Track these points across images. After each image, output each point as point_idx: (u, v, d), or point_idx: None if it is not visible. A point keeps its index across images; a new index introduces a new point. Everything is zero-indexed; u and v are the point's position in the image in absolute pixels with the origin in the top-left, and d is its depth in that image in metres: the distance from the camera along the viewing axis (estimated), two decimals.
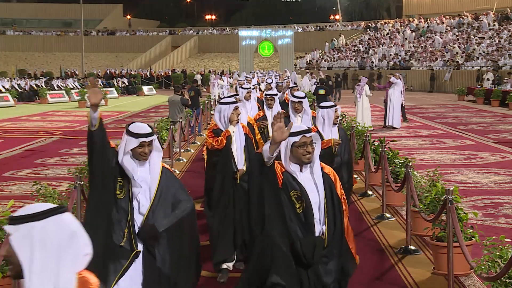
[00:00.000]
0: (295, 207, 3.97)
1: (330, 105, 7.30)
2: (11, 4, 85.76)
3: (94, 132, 4.77)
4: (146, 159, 4.34)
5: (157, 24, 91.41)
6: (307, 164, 4.03)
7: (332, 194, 4.09)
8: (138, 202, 4.31)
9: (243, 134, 6.73)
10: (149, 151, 4.32)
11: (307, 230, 3.99)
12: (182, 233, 4.34)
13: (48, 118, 26.66)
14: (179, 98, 16.04)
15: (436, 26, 51.76)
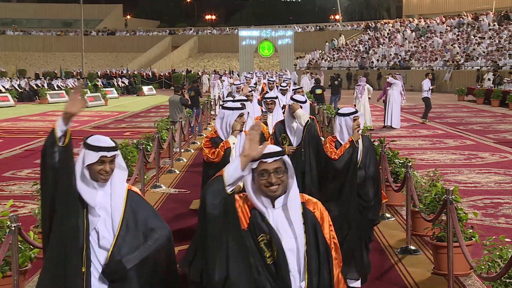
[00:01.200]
0: (264, 256, 3.13)
1: (348, 112, 6.14)
2: (11, 4, 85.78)
3: (62, 149, 3.55)
4: (106, 180, 3.53)
5: (157, 24, 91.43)
6: (275, 198, 3.15)
7: (316, 238, 3.21)
8: (98, 233, 3.53)
9: None
10: (110, 170, 3.53)
11: (279, 286, 3.14)
12: (156, 267, 3.60)
13: (48, 118, 26.66)
14: (179, 98, 16.04)
15: (436, 26, 51.78)
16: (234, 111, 5.92)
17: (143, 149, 10.12)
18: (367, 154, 6.19)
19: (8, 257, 5.36)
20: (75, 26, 77.78)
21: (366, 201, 6.12)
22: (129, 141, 11.58)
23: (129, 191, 3.62)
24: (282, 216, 3.16)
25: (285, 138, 6.76)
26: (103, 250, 3.52)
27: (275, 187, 3.08)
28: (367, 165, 6.17)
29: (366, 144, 6.25)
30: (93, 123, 24.27)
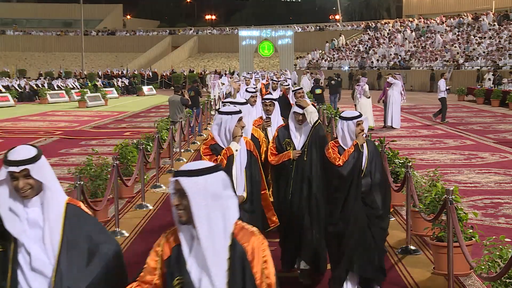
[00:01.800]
0: None
1: (350, 116, 5.75)
2: (11, 4, 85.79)
3: None
4: (27, 196, 3.05)
5: (157, 24, 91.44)
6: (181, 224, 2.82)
7: (244, 280, 2.78)
8: (30, 255, 3.04)
9: (245, 151, 5.44)
10: (28, 186, 3.04)
11: None
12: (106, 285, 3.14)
13: (48, 118, 26.66)
14: (179, 98, 16.04)
15: (436, 26, 51.78)
16: (232, 115, 5.29)
17: (143, 149, 10.12)
18: (372, 160, 5.79)
19: None
20: (75, 26, 77.79)
21: (374, 209, 5.73)
22: (129, 141, 11.58)
23: (68, 205, 3.15)
24: (201, 254, 2.75)
25: (289, 144, 6.38)
26: (37, 274, 3.06)
27: (181, 212, 2.78)
28: (372, 172, 5.77)
29: (371, 149, 5.85)
30: (93, 123, 24.26)
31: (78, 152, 16.08)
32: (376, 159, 5.86)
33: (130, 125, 23.27)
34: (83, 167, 9.11)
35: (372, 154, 5.81)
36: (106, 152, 14.93)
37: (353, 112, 5.84)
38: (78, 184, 6.99)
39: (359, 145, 5.67)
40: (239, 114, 5.32)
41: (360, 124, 5.74)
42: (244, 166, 5.40)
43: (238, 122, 5.36)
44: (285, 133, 6.51)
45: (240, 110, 5.48)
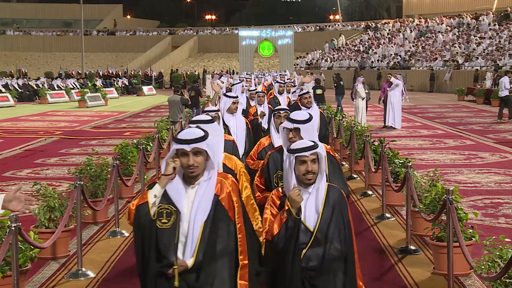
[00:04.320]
0: None
1: (297, 148, 3.91)
2: (11, 4, 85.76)
3: None
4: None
5: (157, 24, 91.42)
6: None
7: None
8: None
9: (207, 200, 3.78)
10: None
11: None
12: None
13: (48, 118, 26.66)
14: (179, 98, 16.04)
15: (436, 26, 51.78)
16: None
17: (143, 149, 10.11)
18: (331, 221, 3.84)
19: (8, 257, 5.36)
20: (75, 26, 77.77)
21: None
22: (129, 141, 11.58)
23: None
24: None
25: (282, 178, 4.45)
26: None
27: None
28: (331, 239, 3.81)
29: (333, 201, 3.88)
30: (93, 123, 24.26)
31: (78, 152, 16.08)
32: (338, 221, 3.87)
33: (130, 125, 23.27)
34: (83, 167, 9.11)
35: (332, 211, 3.85)
36: (106, 152, 14.93)
37: (302, 142, 3.93)
38: (78, 184, 6.99)
39: (291, 210, 3.74)
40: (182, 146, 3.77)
41: (306, 162, 3.79)
42: (201, 220, 3.57)
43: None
44: (278, 161, 4.86)
45: (212, 119, 4.68)
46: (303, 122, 4.70)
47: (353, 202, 10.06)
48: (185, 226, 3.55)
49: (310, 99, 9.19)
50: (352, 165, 12.22)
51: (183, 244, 3.56)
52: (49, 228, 7.21)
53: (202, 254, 3.52)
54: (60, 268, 7.01)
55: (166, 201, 3.58)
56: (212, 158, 3.61)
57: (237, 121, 7.72)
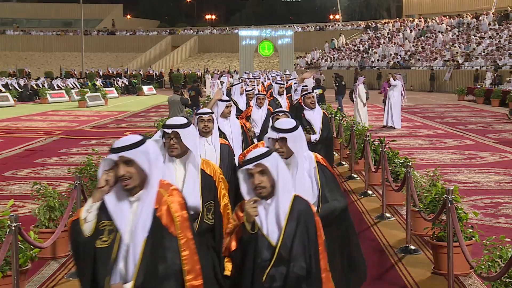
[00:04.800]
0: None
1: (247, 159, 3.55)
2: (12, 4, 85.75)
3: None
4: None
5: (157, 24, 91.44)
6: None
7: None
8: None
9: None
10: None
11: None
12: None
13: (48, 118, 26.66)
14: (179, 98, 16.04)
15: (436, 26, 51.77)
16: None
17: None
18: (294, 238, 3.46)
19: (8, 257, 5.36)
20: (75, 26, 77.77)
21: None
22: None
23: None
24: None
25: None
26: None
27: None
28: (295, 257, 3.44)
29: (297, 215, 3.49)
30: (93, 122, 24.27)
31: (78, 152, 16.08)
32: (303, 235, 3.48)
33: (130, 125, 23.27)
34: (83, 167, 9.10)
35: (296, 225, 3.48)
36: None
37: (256, 151, 3.55)
38: (78, 184, 6.99)
39: (246, 224, 3.47)
40: None
41: (253, 175, 3.47)
42: (142, 238, 3.24)
43: None
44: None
45: None
46: (289, 131, 4.22)
47: (353, 202, 10.08)
48: (125, 245, 3.19)
49: (314, 99, 8.84)
50: (352, 165, 12.23)
51: (124, 265, 3.18)
52: (49, 228, 7.21)
53: (142, 276, 3.15)
54: (60, 268, 7.01)
55: (107, 218, 3.24)
56: (146, 167, 3.21)
57: (232, 125, 7.46)
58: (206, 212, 4.41)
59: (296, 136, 4.24)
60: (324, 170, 4.41)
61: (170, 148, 4.30)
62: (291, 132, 4.23)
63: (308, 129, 8.58)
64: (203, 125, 5.70)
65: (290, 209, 3.49)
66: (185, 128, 4.29)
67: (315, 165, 4.37)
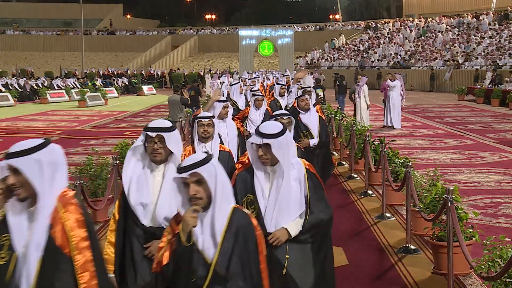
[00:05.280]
0: None
1: (182, 166, 3.24)
2: (11, 4, 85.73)
3: None
4: None
5: (157, 24, 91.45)
6: None
7: None
8: None
9: None
10: None
11: None
12: None
13: (48, 118, 26.66)
14: (179, 97, 16.03)
15: (436, 25, 51.78)
16: None
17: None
18: (232, 254, 3.18)
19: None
20: (75, 25, 77.78)
21: None
22: (129, 140, 11.57)
23: None
24: None
25: (252, 203, 3.99)
26: None
27: None
28: (232, 277, 3.16)
29: (235, 229, 3.21)
30: (93, 122, 24.27)
31: (78, 151, 16.07)
32: (242, 251, 3.19)
33: (130, 125, 23.27)
34: (83, 167, 9.11)
35: (234, 240, 3.18)
36: (106, 151, 14.93)
37: (194, 157, 3.22)
38: (78, 184, 6.99)
39: (181, 234, 3.18)
40: None
41: (190, 184, 3.16)
42: (36, 257, 2.98)
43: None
44: (247, 181, 4.02)
45: None
46: (274, 136, 3.84)
47: (353, 201, 10.08)
48: (21, 265, 2.89)
49: (308, 101, 8.50)
50: (352, 165, 12.23)
51: (19, 286, 2.88)
52: None
53: None
54: None
55: (7, 232, 2.93)
56: (34, 179, 2.88)
57: (228, 127, 7.13)
58: None
59: (282, 142, 3.86)
60: (313, 178, 4.09)
61: (154, 153, 3.91)
62: (276, 138, 3.84)
63: (305, 133, 8.24)
64: (202, 130, 5.41)
65: (228, 223, 3.17)
66: (171, 132, 3.94)
67: (304, 172, 4.03)
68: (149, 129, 3.96)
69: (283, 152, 3.86)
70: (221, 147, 5.51)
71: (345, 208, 9.67)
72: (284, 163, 3.87)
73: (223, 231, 3.15)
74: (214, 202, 3.15)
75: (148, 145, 3.96)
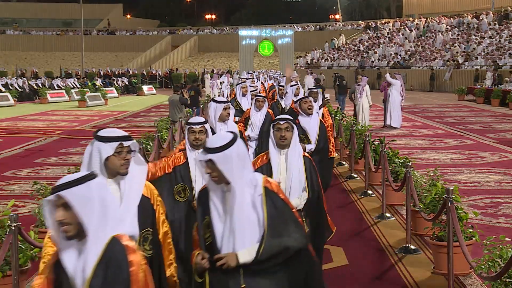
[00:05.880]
0: None
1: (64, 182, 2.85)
2: (11, 4, 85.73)
3: None
4: None
5: (157, 24, 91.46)
6: None
7: None
8: None
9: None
10: None
11: None
12: None
13: (48, 118, 26.66)
14: (178, 97, 16.04)
15: (436, 25, 51.78)
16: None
17: (143, 148, 10.12)
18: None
19: (8, 256, 5.36)
20: (75, 25, 77.77)
21: None
22: None
23: None
24: None
25: (208, 225, 3.71)
26: None
27: None
28: None
29: (106, 262, 2.78)
30: (93, 122, 24.27)
31: (78, 151, 16.07)
32: (116, 286, 2.76)
33: (130, 125, 23.27)
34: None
35: (103, 278, 2.76)
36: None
37: (68, 177, 2.79)
38: None
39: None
40: None
41: (57, 208, 2.73)
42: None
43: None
44: (207, 202, 3.53)
45: None
46: (216, 151, 3.35)
47: (353, 201, 10.08)
48: None
49: (312, 104, 7.80)
50: (352, 165, 12.23)
51: None
52: None
53: None
54: None
55: None
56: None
57: (229, 129, 6.55)
58: (142, 242, 3.71)
59: (227, 156, 3.32)
60: (274, 199, 3.45)
61: (125, 165, 3.61)
62: (218, 152, 3.33)
63: (302, 137, 7.54)
64: (193, 138, 5.03)
65: (101, 257, 2.73)
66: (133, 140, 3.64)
67: (261, 192, 3.43)
68: (123, 138, 3.62)
69: (231, 167, 3.32)
70: None
71: (345, 208, 9.67)
72: (233, 181, 3.32)
73: (94, 266, 2.72)
74: (87, 231, 2.72)
75: (119, 156, 3.58)
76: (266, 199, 3.41)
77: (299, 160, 4.90)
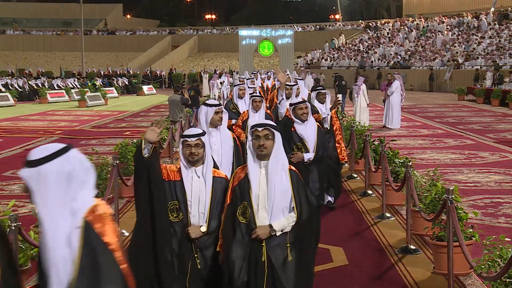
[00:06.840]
0: None
1: None
2: (11, 4, 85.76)
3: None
4: None
5: (157, 24, 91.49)
6: None
7: None
8: None
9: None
10: None
11: None
12: None
13: (48, 118, 26.65)
14: (179, 97, 16.04)
15: (436, 25, 51.79)
16: None
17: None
18: None
19: None
20: (75, 25, 77.80)
21: None
22: (129, 140, 11.57)
23: None
24: None
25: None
26: None
27: None
28: None
29: None
30: (93, 122, 24.26)
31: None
32: None
33: (130, 125, 23.27)
34: None
35: None
36: (106, 151, 14.93)
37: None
38: None
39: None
40: None
41: None
42: None
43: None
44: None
45: None
46: (30, 165, 2.58)
47: (353, 201, 10.08)
48: None
49: (306, 110, 7.25)
50: (352, 165, 12.23)
51: None
52: None
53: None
54: None
55: None
56: None
57: (222, 136, 6.01)
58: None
59: (41, 174, 2.57)
60: (93, 237, 2.60)
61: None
62: (31, 167, 2.58)
63: (300, 146, 7.23)
64: (188, 152, 4.47)
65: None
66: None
67: (79, 224, 2.59)
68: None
69: (47, 191, 2.59)
70: (216, 173, 4.56)
71: (345, 208, 9.67)
72: (43, 209, 2.65)
73: None
74: None
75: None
76: (84, 233, 2.57)
77: (282, 173, 4.25)
